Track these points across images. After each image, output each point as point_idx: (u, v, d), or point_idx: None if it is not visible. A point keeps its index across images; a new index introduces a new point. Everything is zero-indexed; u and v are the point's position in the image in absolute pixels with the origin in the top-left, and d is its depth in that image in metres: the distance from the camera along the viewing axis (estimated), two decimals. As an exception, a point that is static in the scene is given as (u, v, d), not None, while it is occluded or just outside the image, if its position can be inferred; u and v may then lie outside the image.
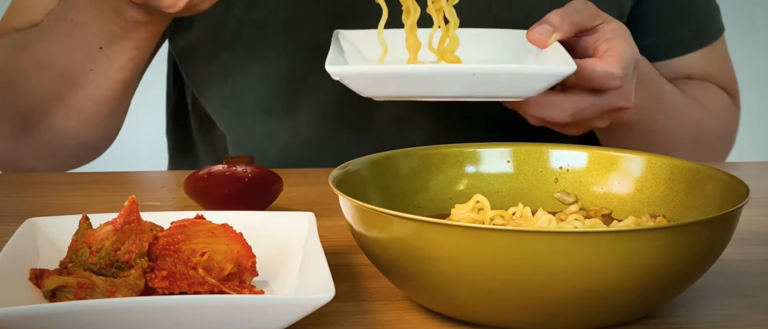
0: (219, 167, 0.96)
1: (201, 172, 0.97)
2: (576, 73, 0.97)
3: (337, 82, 0.96)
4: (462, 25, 1.07)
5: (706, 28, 1.35)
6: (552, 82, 0.96)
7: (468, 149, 0.89)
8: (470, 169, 0.89)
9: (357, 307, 0.78)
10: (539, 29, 1.04)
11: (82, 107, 1.16)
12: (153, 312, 0.68)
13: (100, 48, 1.13)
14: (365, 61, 1.09)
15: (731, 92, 1.36)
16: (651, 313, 0.76)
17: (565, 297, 0.70)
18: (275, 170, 0.99)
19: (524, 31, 1.07)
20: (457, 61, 1.06)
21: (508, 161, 0.89)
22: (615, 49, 1.03)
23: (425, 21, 1.06)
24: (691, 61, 1.33)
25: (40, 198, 1.09)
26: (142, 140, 2.18)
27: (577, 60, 0.99)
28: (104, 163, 1.30)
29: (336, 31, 1.10)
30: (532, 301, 0.70)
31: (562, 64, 0.97)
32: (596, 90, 1.03)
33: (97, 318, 0.67)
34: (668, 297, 0.75)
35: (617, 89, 1.03)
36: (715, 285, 0.82)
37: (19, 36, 1.21)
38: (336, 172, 0.81)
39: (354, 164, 0.84)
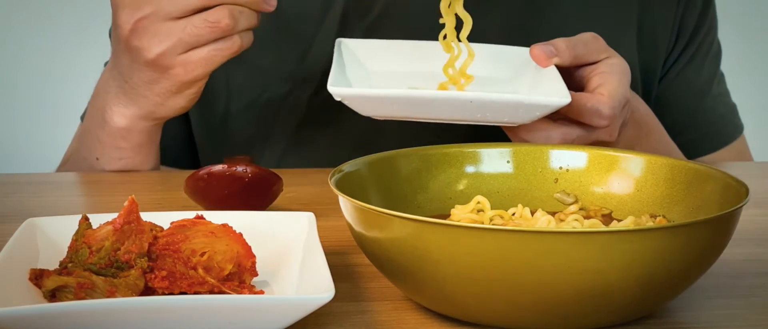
0: (219, 167, 0.96)
1: (201, 172, 0.97)
2: (568, 105, 0.98)
3: None
4: (489, 35, 1.13)
5: (716, 133, 1.36)
6: (546, 113, 0.99)
7: (468, 149, 0.89)
8: (470, 169, 0.89)
9: (357, 307, 0.78)
10: (543, 48, 1.06)
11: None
12: (153, 312, 0.68)
13: (97, 159, 1.16)
14: (367, 73, 1.11)
15: None
16: (651, 313, 0.76)
17: (565, 297, 0.70)
18: (275, 170, 0.99)
19: (523, 49, 1.10)
20: (470, 78, 1.09)
21: (508, 161, 0.89)
22: (606, 86, 1.05)
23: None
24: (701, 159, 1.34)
25: (40, 198, 1.09)
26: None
27: (571, 93, 1.01)
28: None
29: (338, 41, 1.12)
30: (532, 301, 0.70)
31: (557, 96, 0.99)
32: (584, 124, 1.04)
33: (96, 318, 0.67)
34: (668, 297, 0.75)
35: (604, 128, 1.04)
36: (715, 285, 0.82)
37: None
38: (336, 172, 0.81)
39: (354, 164, 0.84)
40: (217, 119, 1.28)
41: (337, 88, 0.98)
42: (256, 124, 1.27)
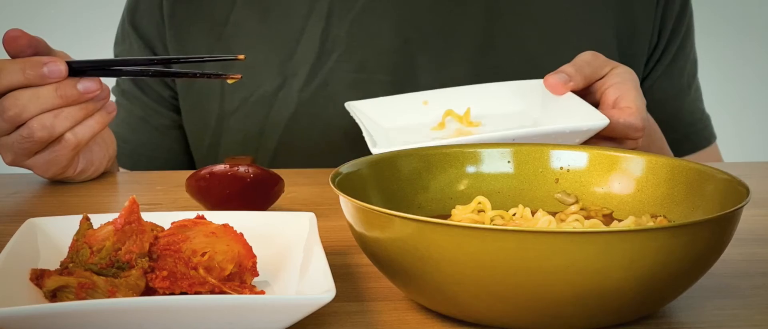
0: (220, 167, 0.96)
1: (202, 172, 0.97)
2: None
3: None
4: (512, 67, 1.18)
5: (696, 135, 1.39)
6: (586, 138, 1.01)
7: (468, 149, 0.89)
8: (471, 169, 0.89)
9: (357, 307, 0.78)
10: (557, 77, 1.09)
11: None
12: (153, 313, 0.68)
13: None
14: (384, 131, 1.14)
15: None
16: (651, 313, 0.76)
17: (565, 297, 0.70)
18: (276, 170, 0.99)
19: (521, 82, 1.14)
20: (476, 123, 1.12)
21: (509, 162, 0.89)
22: (627, 98, 1.07)
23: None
24: None
25: (40, 198, 1.09)
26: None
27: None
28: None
29: (347, 104, 1.15)
30: (532, 301, 0.70)
31: (595, 120, 1.01)
32: (614, 138, 1.07)
33: (97, 318, 0.67)
34: (668, 297, 0.75)
35: (636, 140, 1.07)
36: (715, 285, 0.82)
37: None
38: (336, 172, 0.81)
39: (354, 164, 0.84)
40: (212, 118, 1.31)
41: (379, 148, 1.00)
42: (251, 119, 1.30)
